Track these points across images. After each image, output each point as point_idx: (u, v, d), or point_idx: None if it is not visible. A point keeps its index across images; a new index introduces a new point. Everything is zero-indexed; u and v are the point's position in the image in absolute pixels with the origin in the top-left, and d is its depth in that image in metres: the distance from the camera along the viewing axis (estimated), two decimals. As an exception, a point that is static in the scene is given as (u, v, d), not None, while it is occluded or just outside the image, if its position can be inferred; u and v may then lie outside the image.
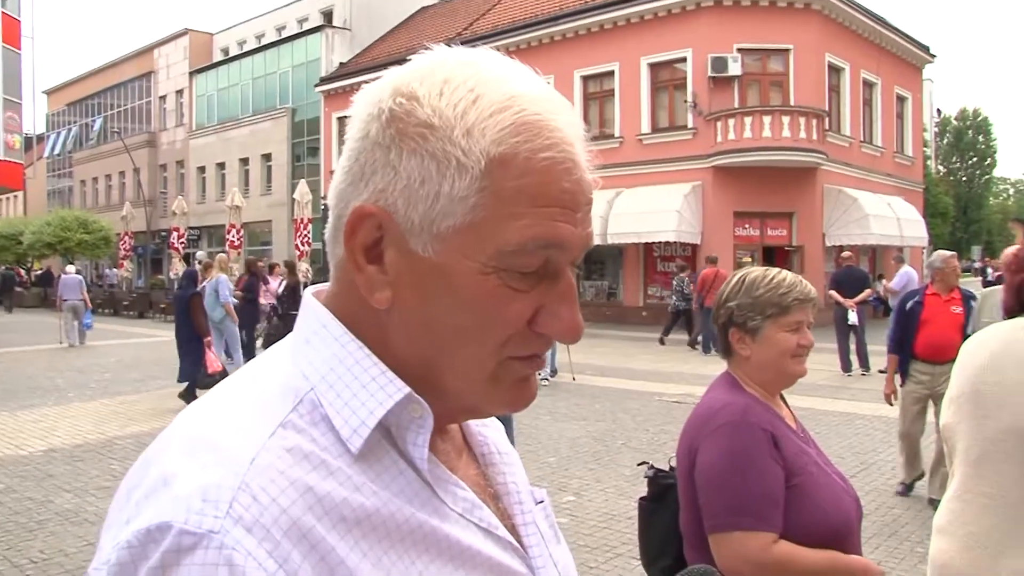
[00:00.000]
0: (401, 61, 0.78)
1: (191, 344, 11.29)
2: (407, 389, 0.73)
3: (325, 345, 0.76)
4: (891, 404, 6.96)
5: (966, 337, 6.58)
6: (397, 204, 0.71)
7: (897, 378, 6.95)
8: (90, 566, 0.65)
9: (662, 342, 18.54)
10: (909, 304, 6.81)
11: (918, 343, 6.66)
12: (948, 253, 7.12)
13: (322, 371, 0.74)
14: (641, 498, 2.39)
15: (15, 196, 56.08)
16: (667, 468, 2.37)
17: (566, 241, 0.73)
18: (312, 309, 0.79)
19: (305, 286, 17.93)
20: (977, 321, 6.09)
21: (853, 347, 13.73)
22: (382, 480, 0.72)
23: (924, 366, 6.64)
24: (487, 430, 0.92)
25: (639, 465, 2.67)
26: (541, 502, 0.95)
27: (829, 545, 1.94)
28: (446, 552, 0.74)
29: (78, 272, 21.59)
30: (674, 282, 19.24)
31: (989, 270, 34.39)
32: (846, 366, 13.70)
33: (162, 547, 0.60)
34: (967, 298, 6.74)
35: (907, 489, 6.84)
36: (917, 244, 26.47)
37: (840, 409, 10.52)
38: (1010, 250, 3.05)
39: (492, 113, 0.70)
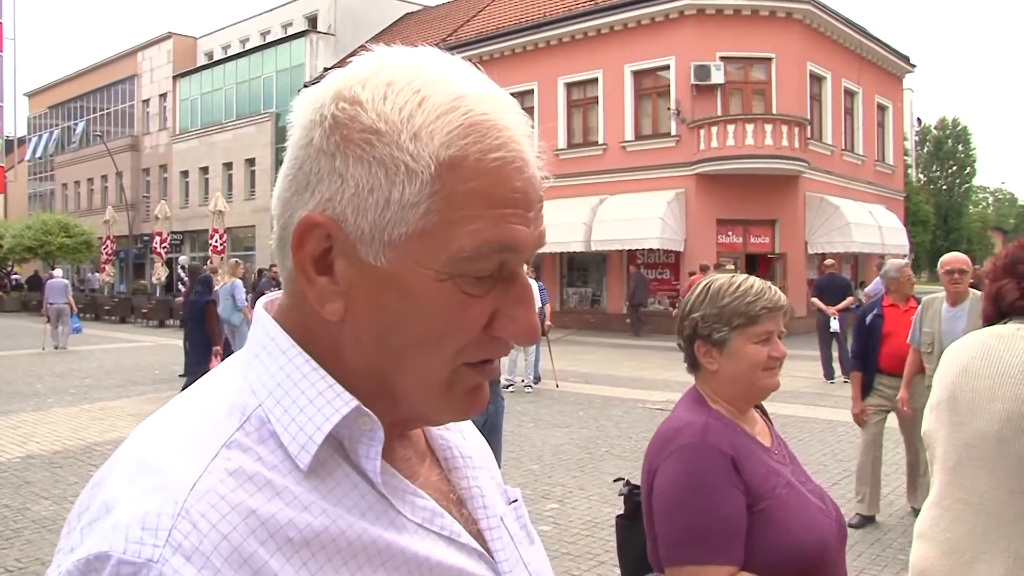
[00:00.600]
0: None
1: (203, 348, 11.38)
2: (355, 402, 0.71)
3: (273, 359, 0.74)
4: (862, 424, 6.53)
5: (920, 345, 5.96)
6: (346, 213, 0.69)
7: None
8: None
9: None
10: (869, 318, 6.59)
11: (882, 357, 6.43)
12: (901, 262, 6.91)
13: (270, 386, 0.73)
14: (618, 516, 2.31)
15: (-5, 200, 55.62)
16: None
17: (520, 243, 0.71)
18: (261, 322, 0.77)
19: (254, 288, 17.98)
20: (917, 330, 6.01)
21: (835, 354, 13.81)
22: (334, 495, 0.70)
23: (888, 379, 6.40)
24: (449, 434, 0.90)
25: (615, 481, 2.61)
26: (514, 501, 0.94)
27: (803, 573, 1.80)
28: (403, 565, 0.72)
29: (63, 276, 21.70)
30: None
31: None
32: (828, 373, 13.77)
33: None
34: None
35: (864, 522, 6.32)
36: (898, 252, 26.59)
37: (822, 416, 10.56)
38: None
39: (439, 115, 0.68)
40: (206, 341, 11.44)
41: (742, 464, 1.85)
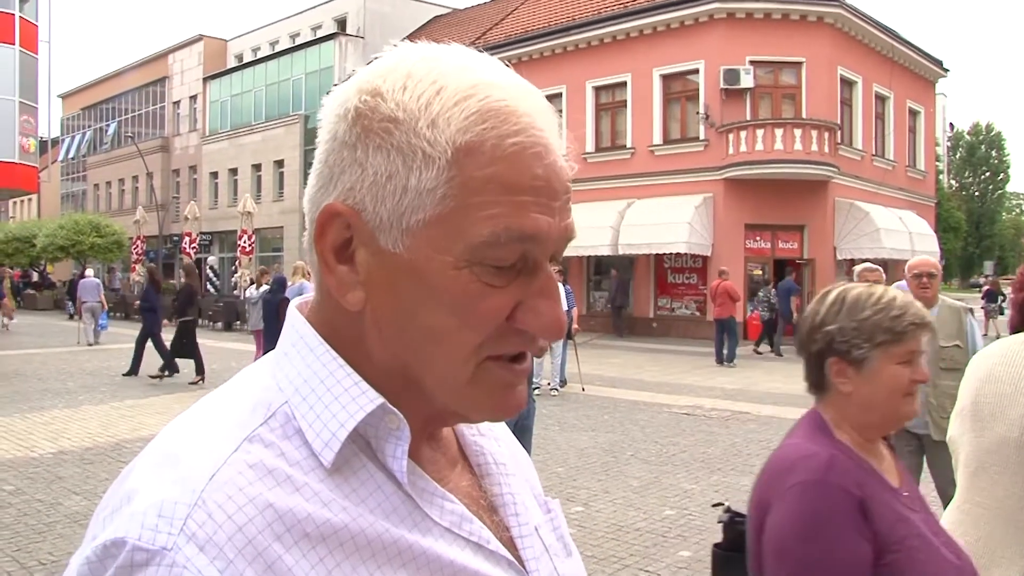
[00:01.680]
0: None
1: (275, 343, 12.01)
2: (380, 399, 0.71)
3: (301, 357, 0.74)
4: None
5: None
6: (365, 201, 0.70)
7: None
8: None
9: (758, 352, 19.65)
10: None
11: None
12: (868, 265, 6.47)
13: (296, 383, 0.73)
14: (715, 544, 2.13)
15: (29, 199, 56.42)
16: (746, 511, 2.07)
17: (542, 232, 0.69)
18: (292, 321, 0.78)
19: (215, 287, 17.93)
20: None
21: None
22: (357, 494, 0.70)
23: None
24: (484, 440, 0.89)
25: (714, 506, 2.43)
26: (550, 512, 0.92)
27: None
28: (425, 568, 0.71)
29: (95, 276, 23.03)
30: (760, 293, 19.86)
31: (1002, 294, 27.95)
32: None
33: (116, 562, 0.60)
34: None
35: None
36: (928, 258, 26.34)
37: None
38: None
39: (456, 102, 0.68)
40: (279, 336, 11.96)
41: (870, 508, 1.62)
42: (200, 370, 13.70)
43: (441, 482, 0.78)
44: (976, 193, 69.71)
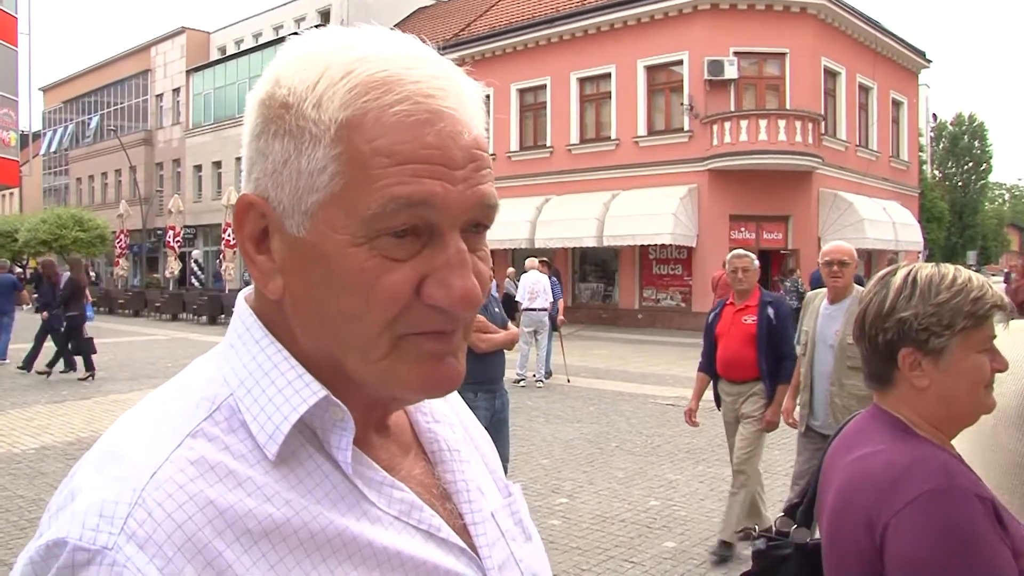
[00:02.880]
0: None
1: None
2: (324, 392, 0.71)
3: (247, 349, 0.74)
4: (693, 423, 6.00)
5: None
6: (269, 189, 0.70)
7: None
8: None
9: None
10: (710, 316, 6.02)
11: (716, 360, 5.79)
12: (738, 252, 5.86)
13: (241, 375, 0.73)
14: (745, 574, 1.93)
15: (11, 193, 55.86)
16: (774, 532, 1.90)
17: (435, 198, 0.67)
18: (239, 312, 0.78)
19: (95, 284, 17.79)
20: (797, 330, 5.46)
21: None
22: (304, 486, 0.70)
23: (727, 385, 5.77)
24: (439, 427, 0.87)
25: (739, 532, 2.22)
26: (510, 496, 0.92)
27: None
28: (372, 558, 0.71)
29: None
30: (787, 283, 19.50)
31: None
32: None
33: (58, 563, 0.61)
34: (765, 305, 5.63)
35: (721, 555, 5.36)
36: (913, 249, 26.52)
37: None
38: None
39: (340, 78, 0.68)
40: None
41: (999, 512, 1.42)
42: (89, 366, 13.54)
43: (392, 471, 0.78)
44: (959, 183, 69.99)
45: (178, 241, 30.89)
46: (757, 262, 5.76)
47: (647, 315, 24.46)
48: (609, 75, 25.60)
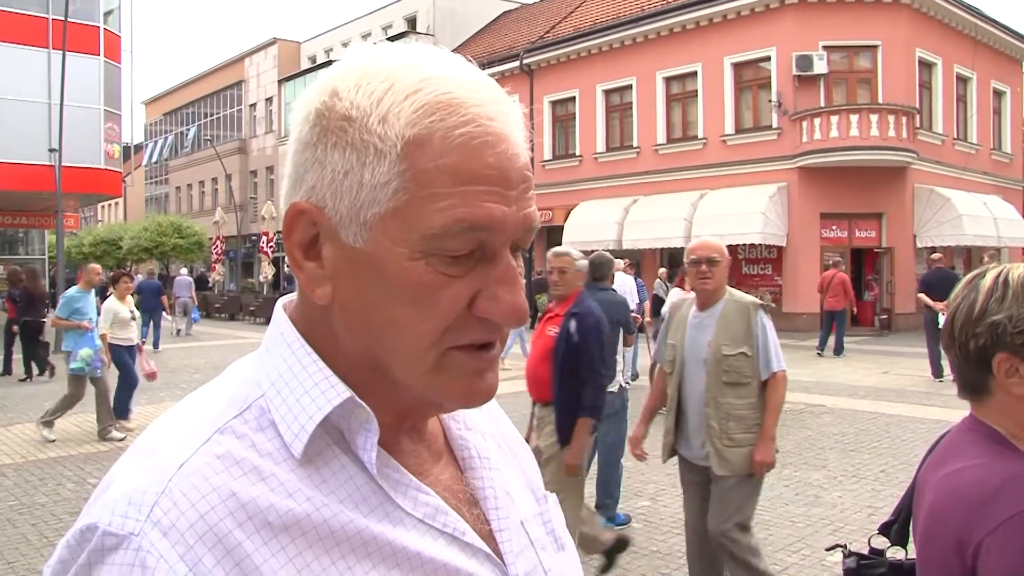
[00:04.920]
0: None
1: None
2: (348, 393, 0.74)
3: (279, 352, 0.78)
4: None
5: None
6: (326, 198, 0.72)
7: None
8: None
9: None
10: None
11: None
12: (555, 250, 5.12)
13: (272, 378, 0.76)
14: None
15: (116, 203, 58.25)
16: (868, 551, 1.83)
17: (495, 222, 0.71)
18: (276, 318, 0.81)
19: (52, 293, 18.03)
20: (661, 343, 4.67)
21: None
22: (328, 485, 0.73)
23: (535, 407, 5.07)
24: (470, 434, 0.89)
25: (828, 550, 2.19)
26: (544, 505, 0.94)
27: None
28: (391, 558, 0.73)
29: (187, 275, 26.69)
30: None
31: None
32: (937, 371, 13.28)
33: (90, 546, 0.66)
34: (569, 316, 4.80)
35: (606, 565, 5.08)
36: (1016, 244, 25.37)
37: (930, 416, 10.18)
38: None
39: (406, 97, 0.70)
40: None
41: None
42: (42, 368, 14.59)
43: (421, 475, 0.80)
44: (1067, 175, 67.00)
45: (271, 246, 31.66)
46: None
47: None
48: (695, 73, 25.29)
